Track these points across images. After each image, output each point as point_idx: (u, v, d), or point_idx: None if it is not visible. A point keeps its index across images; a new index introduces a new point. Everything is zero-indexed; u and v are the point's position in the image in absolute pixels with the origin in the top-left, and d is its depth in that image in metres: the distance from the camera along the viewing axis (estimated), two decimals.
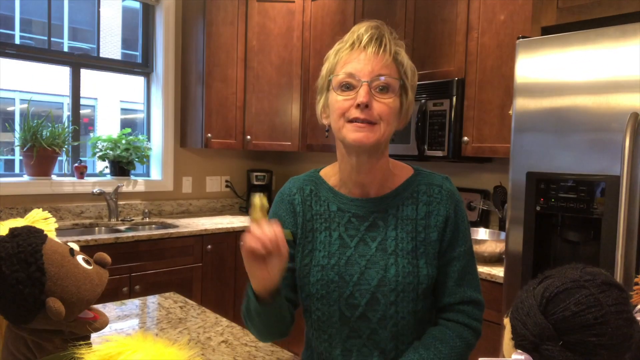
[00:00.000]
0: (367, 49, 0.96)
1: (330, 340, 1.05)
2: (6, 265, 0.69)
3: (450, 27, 2.45)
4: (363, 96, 0.94)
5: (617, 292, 0.54)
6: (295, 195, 1.10)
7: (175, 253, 2.75)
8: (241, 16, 3.27)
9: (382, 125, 0.97)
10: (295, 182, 1.13)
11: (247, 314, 1.03)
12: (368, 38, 0.97)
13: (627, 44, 1.50)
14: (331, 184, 1.10)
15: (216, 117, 3.25)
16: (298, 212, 1.08)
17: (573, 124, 1.62)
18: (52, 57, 3.04)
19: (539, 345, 0.54)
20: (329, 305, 1.02)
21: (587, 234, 1.65)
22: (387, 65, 0.97)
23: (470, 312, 1.04)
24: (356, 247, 1.03)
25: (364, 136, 0.96)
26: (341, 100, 0.97)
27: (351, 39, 0.99)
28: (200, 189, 3.61)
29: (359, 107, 0.95)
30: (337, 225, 1.05)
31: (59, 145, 2.89)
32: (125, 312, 1.41)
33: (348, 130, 0.97)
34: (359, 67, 0.96)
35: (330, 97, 1.01)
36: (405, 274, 1.00)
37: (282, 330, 1.05)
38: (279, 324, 1.02)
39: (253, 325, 1.04)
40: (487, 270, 1.99)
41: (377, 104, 0.96)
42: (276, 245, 0.87)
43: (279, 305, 0.98)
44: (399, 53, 1.00)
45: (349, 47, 0.99)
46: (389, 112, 0.97)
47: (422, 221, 1.03)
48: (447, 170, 2.81)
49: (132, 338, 0.65)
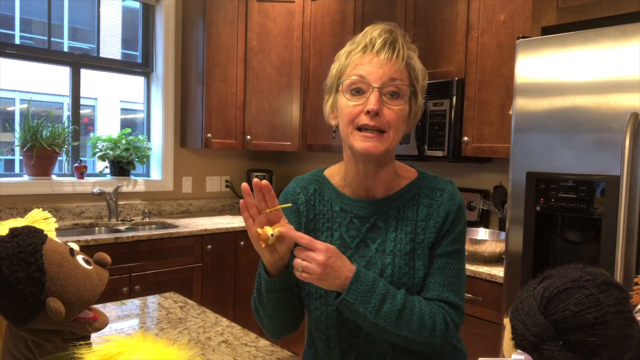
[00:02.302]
0: (380, 54, 0.96)
1: (329, 341, 1.05)
2: (6, 265, 0.69)
3: (450, 27, 2.45)
4: (374, 103, 0.94)
5: (617, 292, 0.54)
6: (299, 195, 1.11)
7: (175, 253, 2.75)
8: (241, 16, 3.27)
9: (391, 134, 0.97)
10: (299, 182, 1.13)
11: (258, 298, 1.03)
12: (381, 43, 0.96)
13: (627, 44, 1.50)
14: (335, 183, 1.10)
15: (216, 117, 3.25)
16: (302, 211, 1.09)
17: (573, 124, 1.62)
18: (52, 57, 3.04)
19: (539, 345, 0.54)
20: (327, 305, 1.03)
21: (587, 234, 1.65)
22: (400, 70, 0.97)
23: (448, 310, 0.99)
24: (356, 248, 1.04)
25: (372, 146, 0.96)
26: (351, 106, 0.97)
27: (364, 42, 0.98)
28: (200, 189, 3.61)
29: (368, 114, 0.95)
30: (339, 226, 1.06)
31: (59, 145, 2.89)
32: (125, 312, 1.41)
33: (356, 139, 0.97)
34: (370, 71, 0.95)
35: (339, 99, 1.01)
36: (400, 275, 1.00)
37: (292, 318, 1.05)
38: (289, 308, 1.02)
39: (264, 311, 1.03)
40: (487, 270, 1.99)
41: (387, 111, 0.96)
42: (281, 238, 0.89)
43: (288, 284, 0.98)
44: (412, 58, 1.00)
45: (361, 49, 0.98)
46: (398, 119, 0.97)
47: (422, 222, 1.03)
48: (447, 170, 2.81)
49: (132, 338, 0.65)
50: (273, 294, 0.98)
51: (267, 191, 0.90)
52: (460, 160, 2.47)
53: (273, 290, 0.97)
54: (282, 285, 0.96)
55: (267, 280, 0.96)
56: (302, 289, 1.08)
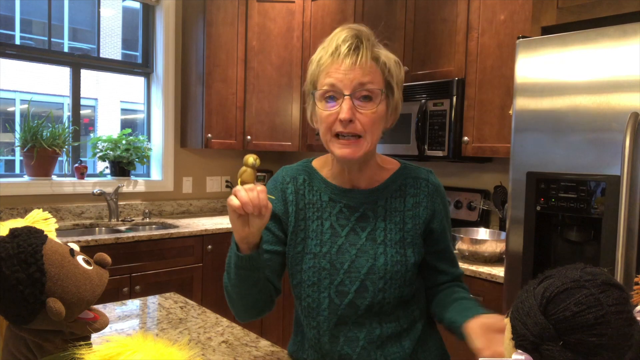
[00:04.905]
0: (346, 60, 0.97)
1: (318, 328, 1.09)
2: (6, 265, 0.69)
3: (450, 27, 2.45)
4: (345, 112, 0.97)
5: (617, 292, 0.54)
6: (288, 185, 1.13)
7: (176, 253, 2.75)
8: (241, 16, 3.27)
9: (367, 137, 1.00)
10: (288, 171, 1.16)
11: (227, 273, 1.05)
12: (347, 49, 0.98)
13: (627, 44, 1.50)
14: (324, 174, 1.13)
15: (216, 117, 3.25)
16: (291, 200, 1.11)
17: (573, 124, 1.62)
18: (52, 58, 3.05)
19: (539, 345, 0.54)
20: (319, 292, 1.07)
21: (587, 234, 1.65)
22: (369, 72, 0.98)
23: (464, 286, 1.16)
24: (347, 236, 1.07)
25: (350, 152, 0.99)
26: (326, 115, 1.00)
27: (330, 48, 1.00)
28: (200, 189, 3.61)
29: (342, 122, 0.98)
30: (329, 215, 1.09)
31: (60, 145, 2.89)
32: (126, 312, 1.41)
33: (335, 146, 1.01)
34: (340, 78, 0.98)
35: (316, 107, 1.04)
36: (393, 263, 1.05)
37: (258, 303, 1.07)
38: (255, 290, 1.03)
39: (232, 287, 1.04)
40: (488, 270, 1.99)
41: (361, 116, 0.98)
42: (258, 209, 0.90)
43: (257, 266, 1.00)
44: (380, 55, 1.01)
45: (329, 56, 1.00)
46: (373, 123, 1.00)
47: (409, 212, 1.09)
48: (447, 170, 2.81)
49: (132, 338, 0.65)
50: (241, 271, 0.99)
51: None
52: (460, 160, 2.47)
53: (241, 267, 0.99)
54: (249, 263, 0.98)
55: (236, 255, 0.98)
56: (293, 279, 1.11)
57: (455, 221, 2.66)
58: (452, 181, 2.80)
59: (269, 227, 1.10)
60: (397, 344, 1.08)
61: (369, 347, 1.06)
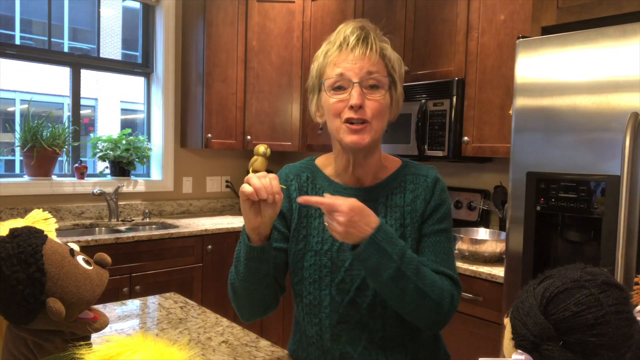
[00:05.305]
0: (355, 50, 1.01)
1: (320, 325, 1.09)
2: (6, 265, 0.69)
3: (450, 27, 2.45)
4: (356, 98, 1.00)
5: (617, 292, 0.54)
6: (292, 182, 1.15)
7: (176, 253, 2.75)
8: (241, 16, 3.27)
9: (374, 124, 1.02)
10: (291, 169, 1.18)
11: (235, 268, 1.05)
12: (355, 40, 1.02)
13: (627, 44, 1.50)
14: (327, 173, 1.15)
15: (216, 117, 3.25)
16: (294, 197, 1.12)
17: (573, 124, 1.62)
18: (52, 58, 3.04)
19: (539, 345, 0.54)
20: (321, 290, 1.07)
21: (588, 234, 1.65)
22: (376, 63, 1.02)
23: (447, 282, 1.04)
24: None
25: (359, 138, 1.02)
26: (335, 102, 1.03)
27: (338, 41, 1.04)
28: (200, 189, 3.61)
29: (352, 109, 1.00)
30: None
31: (60, 145, 2.89)
32: (126, 312, 1.41)
33: (345, 133, 1.03)
34: (348, 68, 1.01)
35: (323, 97, 1.06)
36: None
37: (265, 299, 1.06)
38: (263, 285, 1.03)
39: (240, 283, 1.04)
40: (488, 270, 1.99)
41: (369, 103, 1.01)
42: (272, 195, 0.92)
43: (267, 257, 1.00)
44: (386, 49, 1.05)
45: (337, 48, 1.04)
46: (381, 109, 1.03)
47: (408, 207, 1.09)
48: (447, 170, 2.81)
49: (132, 338, 0.65)
50: (251, 263, 1.00)
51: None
52: (460, 160, 2.47)
53: (251, 258, 0.99)
54: (260, 255, 0.99)
55: (247, 246, 0.99)
56: (294, 276, 1.11)
57: (455, 221, 2.66)
58: (452, 181, 2.80)
59: (275, 224, 1.10)
60: (400, 348, 1.07)
61: (371, 347, 1.06)
